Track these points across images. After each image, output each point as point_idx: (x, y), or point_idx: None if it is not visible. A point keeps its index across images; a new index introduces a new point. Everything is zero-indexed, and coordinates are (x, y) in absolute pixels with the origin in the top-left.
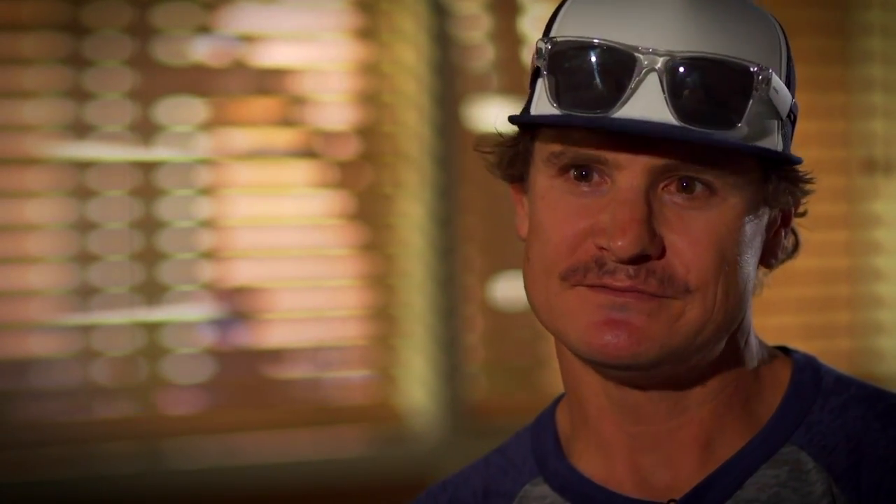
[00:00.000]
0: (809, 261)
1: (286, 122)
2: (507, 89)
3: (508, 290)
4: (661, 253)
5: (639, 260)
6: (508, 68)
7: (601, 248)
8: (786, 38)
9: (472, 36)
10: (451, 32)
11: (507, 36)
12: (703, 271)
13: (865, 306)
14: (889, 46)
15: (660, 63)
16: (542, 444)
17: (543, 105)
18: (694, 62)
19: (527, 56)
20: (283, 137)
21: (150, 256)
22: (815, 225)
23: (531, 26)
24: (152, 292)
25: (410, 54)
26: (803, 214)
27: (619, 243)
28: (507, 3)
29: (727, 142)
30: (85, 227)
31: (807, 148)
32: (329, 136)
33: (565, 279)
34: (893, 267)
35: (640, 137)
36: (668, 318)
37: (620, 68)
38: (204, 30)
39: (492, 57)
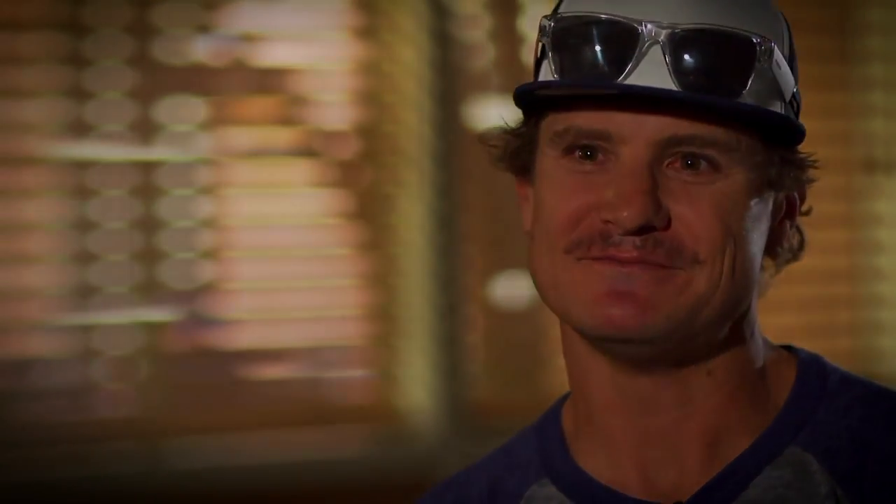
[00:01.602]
0: (810, 260)
1: (286, 121)
2: (507, 89)
3: (509, 289)
4: (667, 224)
5: (644, 231)
6: (508, 68)
7: (606, 222)
8: (789, 28)
9: (473, 35)
10: (451, 32)
11: (507, 35)
12: (711, 241)
13: (866, 306)
14: (889, 45)
15: (663, 35)
16: (547, 444)
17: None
18: (697, 34)
19: (527, 55)
20: (284, 137)
21: (150, 256)
22: (815, 224)
23: (531, 26)
24: (152, 292)
25: (410, 54)
26: (808, 213)
27: (625, 214)
28: (507, 2)
29: (730, 104)
30: (85, 226)
31: (807, 147)
32: (329, 136)
33: (569, 252)
34: (894, 266)
35: (643, 110)
36: (674, 289)
37: (624, 41)
38: (204, 29)
39: (492, 56)
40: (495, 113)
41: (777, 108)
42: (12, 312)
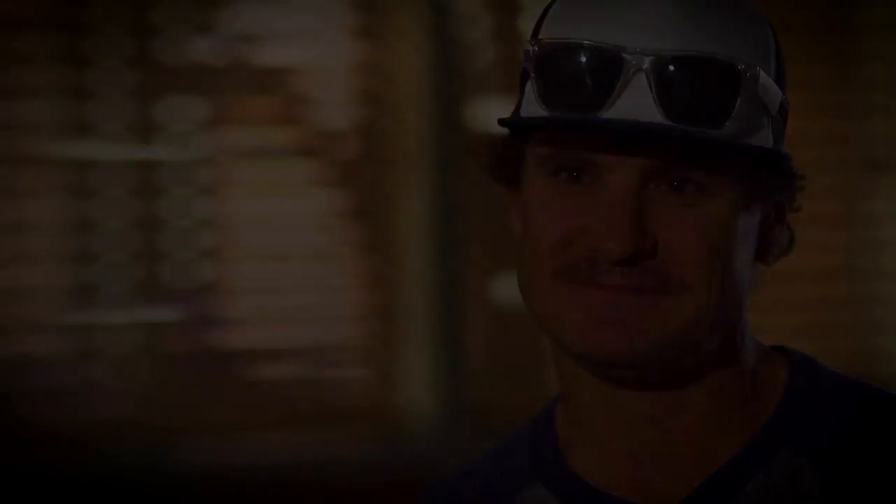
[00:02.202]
0: (810, 260)
1: (287, 121)
2: (508, 88)
3: (509, 289)
4: (654, 250)
5: (631, 261)
6: (509, 67)
7: (593, 250)
8: (774, 33)
9: (473, 35)
10: (452, 32)
11: (508, 35)
12: (698, 266)
13: (866, 305)
14: (889, 45)
15: (647, 63)
16: (539, 447)
17: (532, 107)
18: (681, 61)
19: None
20: (284, 136)
21: (150, 256)
22: (815, 224)
23: (531, 25)
24: (152, 292)
25: (411, 54)
26: (798, 210)
27: (611, 245)
28: (508, 2)
29: (715, 140)
30: (85, 226)
31: (807, 147)
32: (329, 136)
33: (557, 276)
34: (893, 266)
35: (629, 138)
36: (662, 314)
37: (608, 69)
38: (205, 29)
39: (492, 56)
40: (495, 113)
41: (764, 125)
42: (12, 312)
